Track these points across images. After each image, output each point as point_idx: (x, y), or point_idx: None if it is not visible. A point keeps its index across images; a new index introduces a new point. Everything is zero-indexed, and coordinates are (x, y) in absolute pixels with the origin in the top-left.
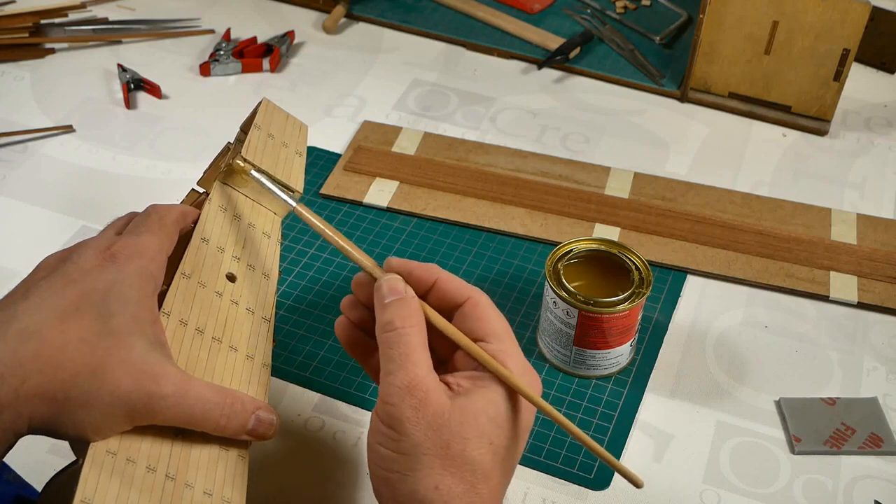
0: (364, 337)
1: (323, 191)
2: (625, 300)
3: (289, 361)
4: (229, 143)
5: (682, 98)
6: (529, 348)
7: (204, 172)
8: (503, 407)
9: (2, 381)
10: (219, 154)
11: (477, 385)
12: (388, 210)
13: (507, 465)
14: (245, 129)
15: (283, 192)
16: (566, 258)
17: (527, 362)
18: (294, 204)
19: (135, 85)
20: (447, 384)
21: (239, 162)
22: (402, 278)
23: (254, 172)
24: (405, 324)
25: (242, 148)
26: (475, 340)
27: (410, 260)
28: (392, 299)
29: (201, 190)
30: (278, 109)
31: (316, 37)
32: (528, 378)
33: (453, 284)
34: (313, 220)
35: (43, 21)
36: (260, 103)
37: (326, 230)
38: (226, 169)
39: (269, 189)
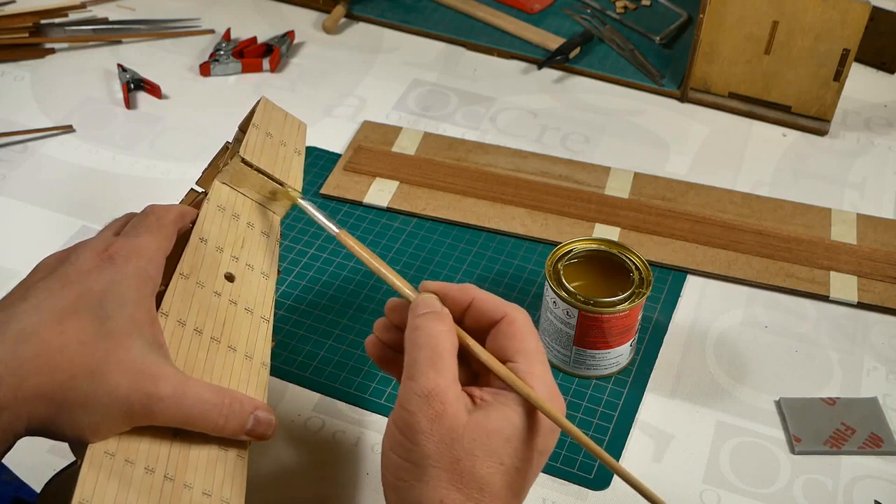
0: (396, 355)
1: (323, 191)
2: (625, 300)
3: (289, 361)
4: (228, 142)
5: (682, 98)
6: None
7: (203, 172)
8: (520, 427)
9: (0, 382)
10: (218, 153)
11: (498, 401)
12: (388, 210)
13: (518, 485)
14: (244, 128)
15: (331, 221)
16: (566, 258)
17: (554, 387)
18: (337, 230)
19: (135, 85)
20: (472, 396)
21: (290, 190)
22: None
23: (301, 201)
24: (435, 327)
25: (241, 147)
26: (505, 359)
27: (446, 283)
28: (426, 311)
29: (200, 190)
30: (277, 108)
31: (316, 37)
32: (552, 403)
33: (490, 303)
34: (355, 246)
35: (43, 21)
36: (258, 102)
37: (366, 255)
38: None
39: (318, 219)
